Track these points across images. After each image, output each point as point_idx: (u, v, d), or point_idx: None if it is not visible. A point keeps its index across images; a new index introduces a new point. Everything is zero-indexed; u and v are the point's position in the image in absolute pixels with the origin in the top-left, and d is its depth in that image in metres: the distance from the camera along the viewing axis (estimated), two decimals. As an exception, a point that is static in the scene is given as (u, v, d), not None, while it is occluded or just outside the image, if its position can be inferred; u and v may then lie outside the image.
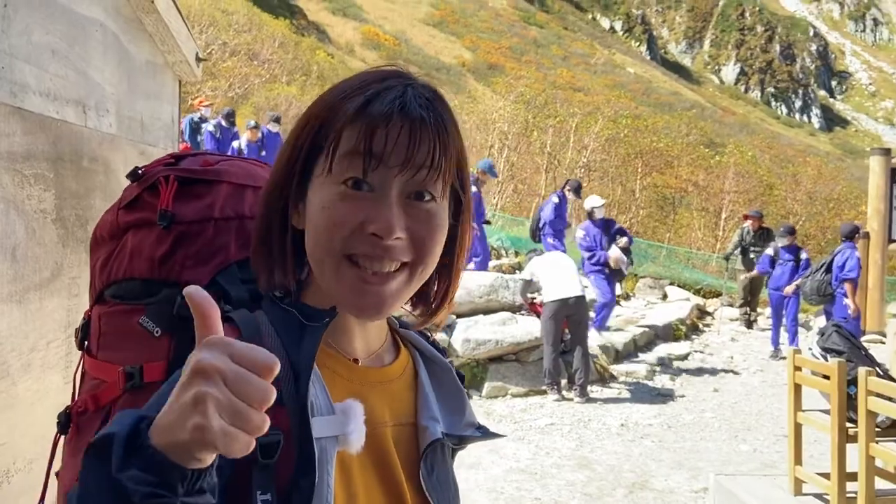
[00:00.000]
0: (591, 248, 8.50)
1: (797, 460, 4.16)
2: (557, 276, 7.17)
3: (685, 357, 9.23)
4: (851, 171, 39.30)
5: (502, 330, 7.46)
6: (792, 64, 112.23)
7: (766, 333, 10.60)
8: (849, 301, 8.25)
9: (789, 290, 9.42)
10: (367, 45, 56.48)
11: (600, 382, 7.73)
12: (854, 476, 3.66)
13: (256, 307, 0.81)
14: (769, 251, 10.18)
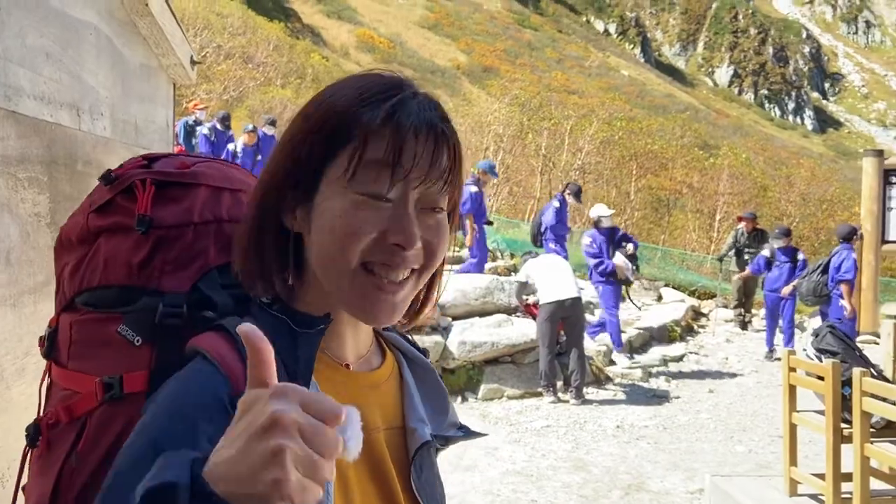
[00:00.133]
0: (597, 256, 8.35)
1: (792, 461, 4.18)
2: (553, 277, 7.18)
3: (680, 358, 9.24)
4: (844, 173, 39.49)
5: (498, 332, 7.46)
6: (785, 66, 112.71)
7: (760, 334, 10.63)
8: (845, 302, 8.27)
9: (787, 291, 9.41)
10: (362, 47, 56.50)
11: (596, 384, 7.74)
12: (849, 476, 3.68)
13: (240, 313, 0.80)
14: (765, 252, 10.13)
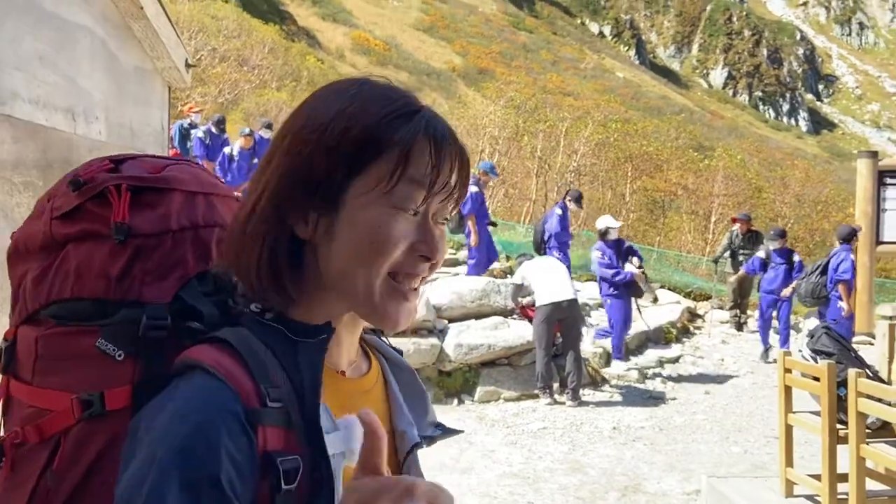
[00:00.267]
0: (612, 267, 8.21)
1: (788, 462, 4.19)
2: (549, 279, 7.18)
3: (676, 360, 9.25)
4: (839, 174, 39.55)
5: (494, 334, 7.46)
6: (779, 68, 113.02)
7: (756, 336, 10.62)
8: (843, 303, 8.29)
9: (787, 293, 9.38)
10: (357, 50, 56.48)
11: (592, 386, 7.74)
12: (845, 477, 3.69)
13: (228, 323, 0.78)
14: (760, 254, 10.12)
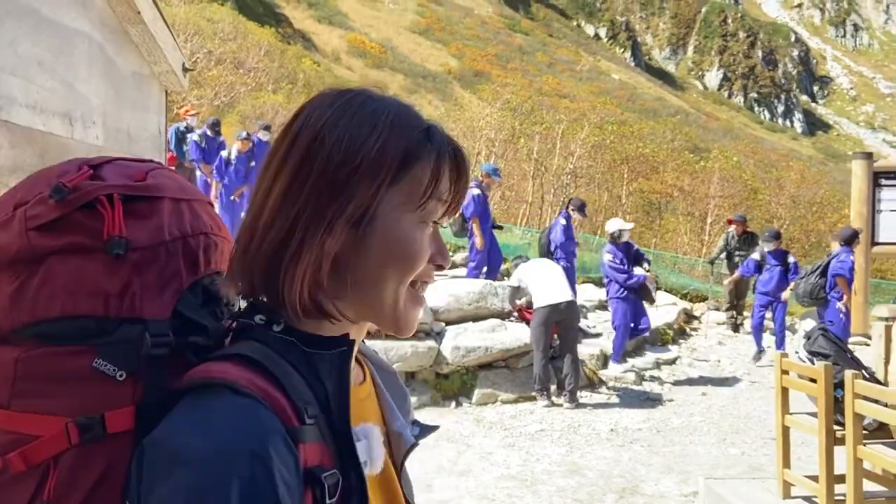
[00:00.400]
0: (624, 270, 8.15)
1: (785, 463, 4.19)
2: (547, 281, 7.18)
3: (673, 361, 9.26)
4: (834, 175, 39.72)
5: (491, 337, 7.46)
6: (774, 69, 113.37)
7: (752, 337, 10.65)
8: (841, 304, 8.32)
9: (786, 296, 9.37)
10: (353, 52, 56.50)
11: (589, 388, 7.75)
12: (842, 478, 3.69)
13: (226, 336, 0.77)
14: (755, 256, 10.12)
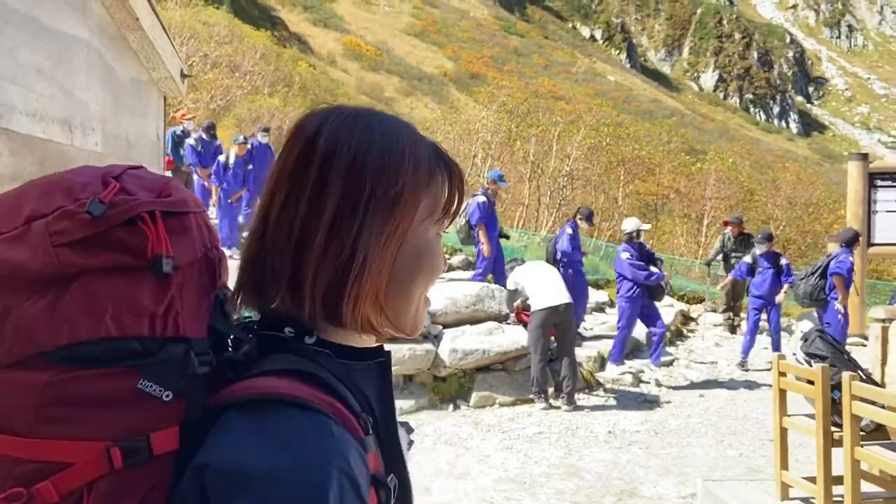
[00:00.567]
0: (645, 268, 8.13)
1: (783, 465, 4.20)
2: (544, 284, 7.18)
3: (670, 363, 9.27)
4: (829, 176, 39.84)
5: (489, 340, 7.47)
6: (769, 70, 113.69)
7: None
8: (839, 305, 8.34)
9: (780, 299, 9.37)
10: (349, 55, 56.53)
11: (587, 390, 7.76)
12: (840, 480, 3.71)
13: (266, 351, 0.78)
14: (747, 259, 10.12)
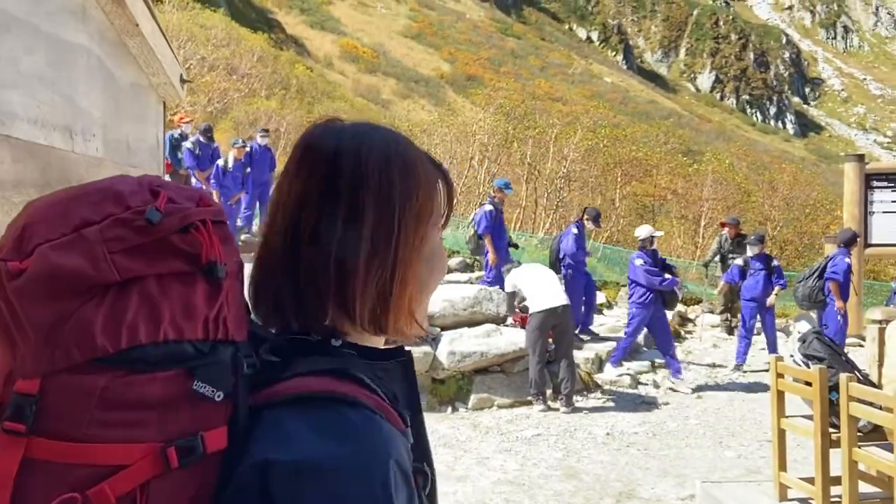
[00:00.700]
0: (659, 273, 8.13)
1: (781, 466, 4.22)
2: (542, 286, 7.19)
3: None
4: (826, 176, 39.88)
5: (487, 342, 7.48)
6: (766, 71, 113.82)
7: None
8: (837, 306, 8.35)
9: (772, 301, 9.38)
10: (346, 57, 56.51)
11: (585, 392, 7.77)
12: (838, 480, 3.72)
13: (296, 353, 0.81)
14: (739, 262, 10.08)
